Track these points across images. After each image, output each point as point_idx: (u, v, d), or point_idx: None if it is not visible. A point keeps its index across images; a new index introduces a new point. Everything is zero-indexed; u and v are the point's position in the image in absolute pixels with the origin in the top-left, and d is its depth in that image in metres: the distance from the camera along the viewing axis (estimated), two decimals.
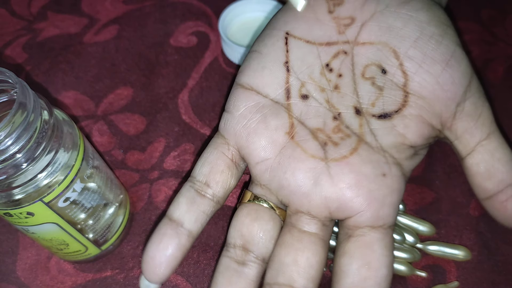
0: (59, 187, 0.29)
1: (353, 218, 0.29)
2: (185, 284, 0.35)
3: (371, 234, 0.29)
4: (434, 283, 0.34)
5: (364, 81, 0.31)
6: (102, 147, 0.41)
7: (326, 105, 0.31)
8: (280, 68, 0.32)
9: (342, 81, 0.31)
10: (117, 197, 0.35)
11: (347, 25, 0.32)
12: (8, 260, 0.36)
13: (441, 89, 0.30)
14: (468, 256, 0.35)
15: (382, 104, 0.31)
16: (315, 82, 0.32)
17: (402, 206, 0.37)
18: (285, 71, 0.32)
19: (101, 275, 0.35)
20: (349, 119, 0.31)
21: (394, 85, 0.30)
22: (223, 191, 0.31)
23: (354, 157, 0.30)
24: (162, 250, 0.28)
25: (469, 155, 0.30)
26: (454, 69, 0.30)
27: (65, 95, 0.44)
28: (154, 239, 0.29)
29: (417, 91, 0.30)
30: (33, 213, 0.29)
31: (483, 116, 0.31)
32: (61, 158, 0.28)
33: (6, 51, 0.48)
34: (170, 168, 0.40)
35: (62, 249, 0.33)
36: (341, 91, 0.31)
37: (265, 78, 0.32)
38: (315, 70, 0.32)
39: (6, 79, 0.27)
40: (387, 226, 0.29)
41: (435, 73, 0.30)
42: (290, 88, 0.31)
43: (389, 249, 0.29)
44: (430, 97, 0.30)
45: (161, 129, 0.42)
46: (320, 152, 0.30)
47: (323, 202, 0.29)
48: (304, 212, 0.30)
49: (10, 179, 0.27)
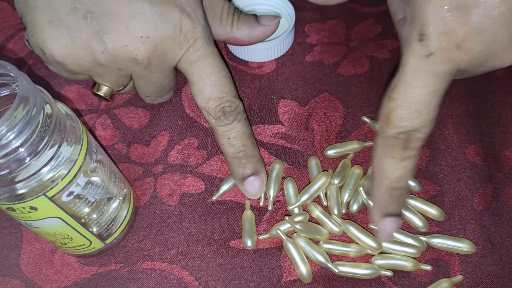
0: (63, 181, 0.28)
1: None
2: (189, 277, 0.35)
3: None
4: (438, 277, 0.34)
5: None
6: (105, 141, 0.41)
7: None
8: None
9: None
10: (121, 191, 0.35)
11: None
12: (11, 254, 0.36)
13: None
14: (472, 249, 0.35)
15: None
16: None
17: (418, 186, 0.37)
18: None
19: (105, 269, 0.35)
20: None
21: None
22: None
23: None
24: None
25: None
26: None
27: (68, 89, 0.44)
28: None
29: None
30: (36, 208, 0.29)
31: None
32: (64, 152, 0.28)
33: (8, 45, 0.47)
34: (174, 162, 0.40)
35: (66, 243, 0.33)
36: None
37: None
38: None
39: (7, 72, 0.26)
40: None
41: None
42: None
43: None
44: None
45: (165, 123, 0.42)
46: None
47: None
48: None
49: (13, 173, 0.27)
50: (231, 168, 0.37)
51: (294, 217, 0.36)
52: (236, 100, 0.36)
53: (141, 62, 0.34)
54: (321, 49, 0.45)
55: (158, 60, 0.34)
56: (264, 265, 0.35)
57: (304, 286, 0.34)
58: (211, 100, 0.35)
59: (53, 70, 0.37)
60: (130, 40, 0.33)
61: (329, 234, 0.36)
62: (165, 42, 0.33)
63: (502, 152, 0.39)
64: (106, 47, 0.32)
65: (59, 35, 0.33)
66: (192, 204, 0.38)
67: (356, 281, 0.34)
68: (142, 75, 0.35)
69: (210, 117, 0.36)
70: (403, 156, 0.30)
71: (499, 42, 0.27)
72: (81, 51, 0.33)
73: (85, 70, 0.34)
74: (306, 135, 0.40)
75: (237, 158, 0.36)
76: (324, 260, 0.34)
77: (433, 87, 0.29)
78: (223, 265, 0.35)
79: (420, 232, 0.36)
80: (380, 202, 0.33)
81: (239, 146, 0.36)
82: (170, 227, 0.37)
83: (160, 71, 0.35)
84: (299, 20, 0.46)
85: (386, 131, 0.30)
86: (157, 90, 0.38)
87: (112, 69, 0.34)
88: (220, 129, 0.36)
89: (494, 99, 0.41)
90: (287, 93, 0.43)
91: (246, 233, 0.36)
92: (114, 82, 0.36)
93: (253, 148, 0.37)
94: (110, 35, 0.32)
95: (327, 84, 0.43)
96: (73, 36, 0.32)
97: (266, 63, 0.45)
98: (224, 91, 0.35)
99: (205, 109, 0.35)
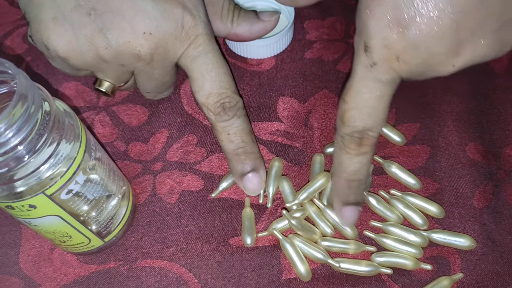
0: (62, 179, 0.28)
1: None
2: (188, 275, 0.35)
3: None
4: (438, 275, 0.34)
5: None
6: (104, 139, 0.41)
7: None
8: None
9: None
10: (120, 189, 0.35)
11: None
12: (10, 252, 0.36)
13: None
14: (472, 244, 0.35)
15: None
16: None
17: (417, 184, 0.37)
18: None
19: (105, 266, 0.35)
20: None
21: None
22: None
23: None
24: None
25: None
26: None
27: (66, 86, 0.44)
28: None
29: None
30: (35, 206, 0.29)
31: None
32: (63, 150, 0.28)
33: (6, 42, 0.47)
34: (173, 160, 0.40)
35: (65, 241, 0.33)
36: None
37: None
38: None
39: (5, 70, 0.26)
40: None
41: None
42: None
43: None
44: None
45: (164, 120, 0.42)
46: None
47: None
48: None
49: (12, 171, 0.26)
50: (230, 164, 0.37)
51: (293, 213, 0.36)
52: (236, 96, 0.36)
53: (144, 58, 0.34)
54: (321, 45, 0.45)
55: (160, 56, 0.34)
56: (263, 263, 0.35)
57: (303, 284, 0.34)
58: (211, 96, 0.35)
59: (56, 66, 0.37)
60: (133, 37, 0.33)
61: (321, 234, 0.36)
62: (167, 39, 0.34)
63: (502, 149, 0.39)
64: (109, 43, 0.33)
65: (63, 32, 0.33)
66: (191, 201, 0.38)
67: (356, 278, 0.34)
68: (144, 71, 0.36)
69: (209, 112, 0.36)
70: (357, 152, 0.33)
71: (434, 57, 0.29)
72: (84, 47, 0.33)
73: (88, 65, 0.35)
74: (305, 132, 0.40)
75: (236, 154, 0.37)
76: (323, 257, 0.34)
77: (379, 93, 0.31)
78: (222, 262, 0.35)
79: (420, 230, 0.35)
80: (340, 192, 0.35)
81: (238, 142, 0.36)
82: (169, 225, 0.37)
83: (162, 67, 0.36)
84: (298, 17, 0.46)
85: (342, 130, 0.33)
86: (158, 86, 0.38)
87: (115, 65, 0.35)
88: (219, 124, 0.36)
89: (494, 96, 0.41)
90: (287, 90, 0.43)
91: (245, 231, 0.36)
92: (116, 78, 0.36)
93: (253, 145, 0.37)
94: (114, 31, 0.33)
95: (326, 81, 0.43)
96: (77, 32, 0.33)
97: (265, 60, 0.44)
98: (224, 87, 0.35)
99: (204, 105, 0.36)
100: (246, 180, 0.37)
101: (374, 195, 0.36)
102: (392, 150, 0.39)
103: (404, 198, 0.36)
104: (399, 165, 0.38)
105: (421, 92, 0.42)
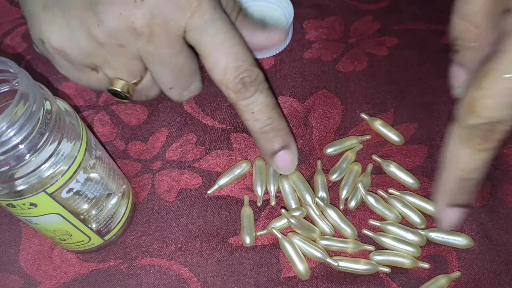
0: (62, 178, 0.28)
1: None
2: (188, 273, 0.35)
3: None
4: (436, 273, 0.34)
5: None
6: (103, 138, 0.41)
7: None
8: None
9: None
10: (120, 188, 0.35)
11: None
12: (10, 250, 0.36)
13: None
14: (470, 243, 0.35)
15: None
16: None
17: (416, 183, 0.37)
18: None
19: (104, 265, 0.36)
20: None
21: None
22: None
23: None
24: None
25: None
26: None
27: (66, 85, 0.44)
28: None
29: None
30: (36, 204, 0.29)
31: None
32: (64, 149, 0.28)
33: (5, 40, 0.47)
34: (173, 159, 0.40)
35: (65, 239, 0.33)
36: None
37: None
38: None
39: (7, 68, 0.26)
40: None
41: None
42: None
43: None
44: None
45: (163, 119, 0.42)
46: None
47: None
48: None
49: (13, 170, 0.26)
50: (258, 144, 0.35)
51: (292, 212, 0.36)
52: (255, 69, 0.33)
53: (142, 32, 0.31)
54: (320, 45, 0.45)
55: (161, 28, 0.31)
56: (262, 262, 0.35)
57: (302, 283, 0.34)
58: (228, 71, 0.32)
59: (62, 70, 0.35)
60: (123, 7, 0.30)
61: (320, 233, 0.36)
62: (163, 6, 0.31)
63: (499, 149, 0.39)
64: (100, 19, 0.30)
65: (53, 17, 0.31)
66: (189, 199, 0.38)
67: (354, 277, 0.34)
68: (149, 53, 0.32)
69: (229, 91, 0.33)
70: (482, 147, 0.29)
71: None
72: (76, 30, 0.31)
73: (87, 55, 0.32)
74: (304, 132, 0.41)
75: (264, 133, 0.34)
76: (322, 256, 0.34)
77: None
78: (221, 261, 0.35)
79: (418, 228, 0.36)
80: (448, 191, 0.31)
81: (264, 119, 0.34)
82: (169, 223, 0.37)
83: (168, 44, 0.32)
84: (297, 17, 0.46)
85: (467, 120, 0.28)
86: (176, 76, 0.35)
87: (114, 48, 0.32)
88: (242, 103, 0.33)
89: None
90: (286, 89, 0.43)
91: (244, 230, 0.36)
92: (125, 68, 0.33)
93: (280, 120, 0.35)
94: (102, 6, 0.30)
95: (325, 80, 0.43)
96: (66, 15, 0.31)
97: (265, 59, 0.45)
98: (241, 59, 0.32)
99: (223, 82, 0.32)
100: (277, 159, 0.35)
101: (373, 194, 0.36)
102: (390, 150, 0.39)
103: (402, 197, 0.37)
104: (397, 165, 0.38)
105: (419, 92, 0.42)
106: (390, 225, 0.35)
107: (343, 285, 0.34)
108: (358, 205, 0.37)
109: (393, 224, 0.35)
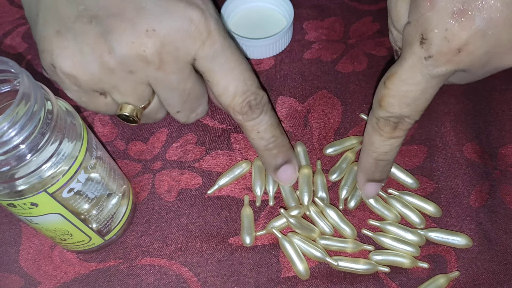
0: (63, 178, 0.29)
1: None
2: (188, 273, 0.35)
3: None
4: (435, 273, 0.34)
5: None
6: (104, 138, 0.41)
7: None
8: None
9: None
10: (120, 188, 0.35)
11: None
12: (10, 250, 0.36)
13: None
14: (469, 243, 0.35)
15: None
16: None
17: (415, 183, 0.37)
18: None
19: (105, 265, 0.36)
20: None
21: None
22: None
23: None
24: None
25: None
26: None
27: None
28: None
29: None
30: (37, 204, 0.29)
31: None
32: (65, 149, 0.28)
33: (6, 41, 0.47)
34: (173, 159, 0.40)
35: (65, 239, 0.33)
36: None
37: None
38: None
39: (8, 68, 0.26)
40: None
41: None
42: None
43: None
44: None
45: (163, 119, 0.42)
46: None
47: None
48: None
49: (13, 170, 0.27)
50: (262, 160, 0.37)
51: (291, 211, 0.36)
52: (260, 91, 0.35)
53: (152, 60, 0.32)
54: (320, 46, 0.45)
55: (171, 56, 0.32)
56: (262, 261, 0.35)
57: (302, 283, 0.34)
58: (237, 96, 0.34)
59: (73, 97, 0.35)
60: (136, 36, 0.31)
61: (320, 233, 0.36)
62: (174, 35, 0.31)
63: (498, 149, 0.39)
64: (112, 46, 0.31)
65: (66, 43, 0.32)
66: (189, 199, 0.38)
67: (354, 276, 0.34)
68: (158, 79, 0.33)
69: (236, 113, 0.34)
70: (391, 136, 0.33)
71: (501, 44, 0.28)
72: (88, 56, 0.32)
73: (98, 80, 0.33)
74: (304, 132, 0.41)
75: (267, 149, 0.36)
76: (321, 255, 0.34)
77: (425, 86, 0.30)
78: (221, 261, 0.35)
79: (417, 228, 0.36)
80: (366, 169, 0.35)
81: (269, 137, 0.36)
82: (169, 223, 0.37)
83: (176, 71, 0.33)
84: (297, 17, 0.46)
85: (378, 112, 0.33)
86: (183, 100, 0.36)
87: (124, 74, 0.32)
88: (248, 124, 0.35)
89: (491, 97, 0.42)
90: (286, 90, 0.43)
91: (244, 230, 0.36)
92: (133, 93, 0.34)
93: (283, 138, 0.37)
94: (115, 34, 0.31)
95: (325, 81, 0.43)
96: (79, 41, 0.31)
97: (265, 60, 0.45)
98: (248, 84, 0.34)
99: (231, 106, 0.34)
100: (280, 173, 0.37)
101: None
102: None
103: (401, 197, 0.37)
104: (397, 165, 0.38)
105: None
106: (389, 225, 0.36)
107: (343, 284, 0.34)
108: (358, 205, 0.37)
109: (392, 224, 0.36)
